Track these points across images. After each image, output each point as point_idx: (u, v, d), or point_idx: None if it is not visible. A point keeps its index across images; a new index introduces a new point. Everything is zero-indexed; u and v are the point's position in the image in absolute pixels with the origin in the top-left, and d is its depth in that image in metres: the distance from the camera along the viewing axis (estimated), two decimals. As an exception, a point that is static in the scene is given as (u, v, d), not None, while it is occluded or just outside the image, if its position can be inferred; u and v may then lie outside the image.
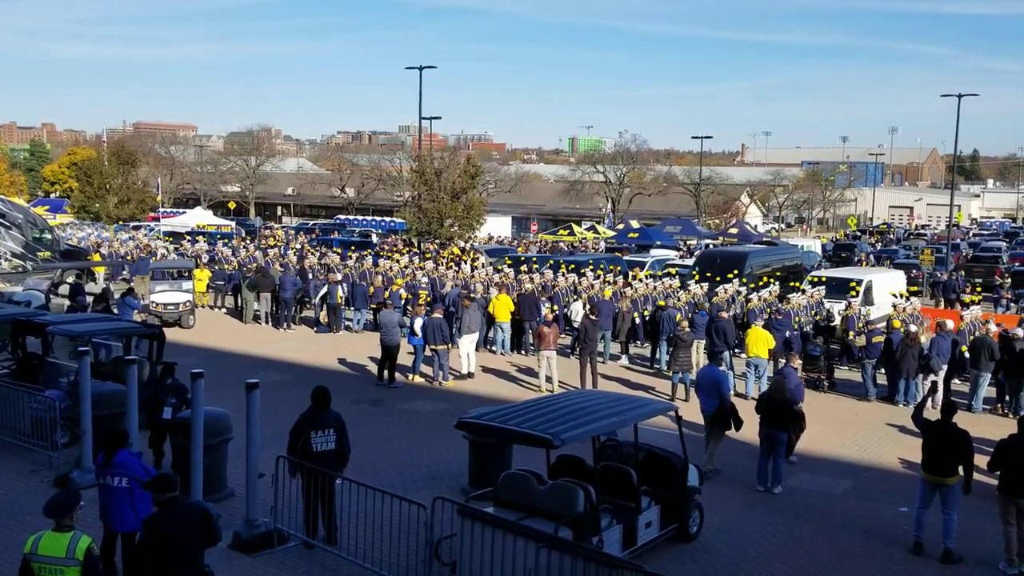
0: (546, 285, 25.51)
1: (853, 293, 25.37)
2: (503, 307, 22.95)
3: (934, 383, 16.53)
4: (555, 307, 23.89)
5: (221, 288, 30.67)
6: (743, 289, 24.87)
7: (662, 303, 22.90)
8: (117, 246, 39.94)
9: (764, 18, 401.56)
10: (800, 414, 13.23)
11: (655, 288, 24.99)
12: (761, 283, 26.32)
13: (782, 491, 13.07)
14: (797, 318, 21.44)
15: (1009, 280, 35.07)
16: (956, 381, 19.34)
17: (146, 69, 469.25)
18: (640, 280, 26.48)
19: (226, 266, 32.24)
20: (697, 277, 27.18)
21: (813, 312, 22.93)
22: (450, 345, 19.96)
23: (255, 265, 30.16)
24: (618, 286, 25.07)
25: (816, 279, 27.84)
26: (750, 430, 16.45)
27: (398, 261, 30.79)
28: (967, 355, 18.51)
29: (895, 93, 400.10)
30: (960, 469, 10.79)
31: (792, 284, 27.00)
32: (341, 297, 26.16)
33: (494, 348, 23.24)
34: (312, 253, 36.52)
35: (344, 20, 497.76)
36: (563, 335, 23.15)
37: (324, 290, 26.22)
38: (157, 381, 13.48)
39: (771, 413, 13.19)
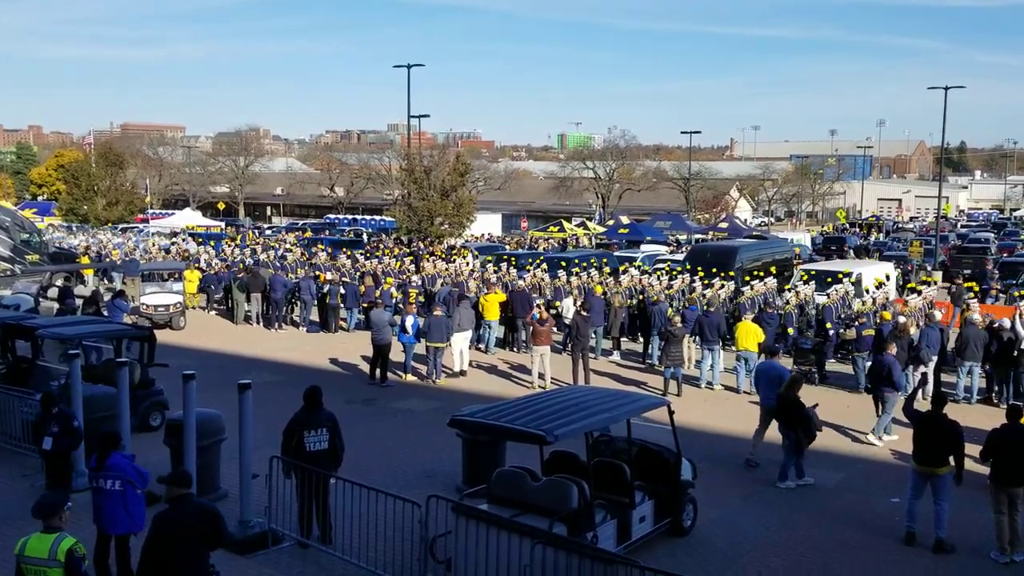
0: (536, 285, 25.54)
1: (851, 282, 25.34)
2: (492, 305, 22.95)
3: (924, 374, 16.62)
4: (557, 303, 23.98)
5: (212, 290, 30.55)
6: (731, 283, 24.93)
7: (655, 298, 22.94)
8: (155, 252, 39.26)
9: (753, 13, 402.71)
10: (809, 416, 13.15)
11: (640, 281, 25.04)
12: (757, 276, 26.29)
13: (792, 486, 13.02)
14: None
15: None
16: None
17: (133, 70, 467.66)
18: (626, 272, 26.60)
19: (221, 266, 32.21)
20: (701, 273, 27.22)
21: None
22: (447, 344, 19.96)
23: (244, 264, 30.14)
24: (610, 284, 25.09)
25: (805, 272, 27.91)
26: (746, 425, 16.54)
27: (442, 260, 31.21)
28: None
29: (882, 86, 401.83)
30: (951, 460, 10.85)
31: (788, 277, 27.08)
32: (340, 296, 26.15)
33: (482, 346, 23.22)
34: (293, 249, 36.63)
35: (330, 19, 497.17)
36: (555, 331, 23.15)
37: (326, 289, 26.20)
38: (40, 412, 11.84)
39: (781, 410, 13.19)
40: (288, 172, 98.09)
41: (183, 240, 43.09)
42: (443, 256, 34.33)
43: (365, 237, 51.18)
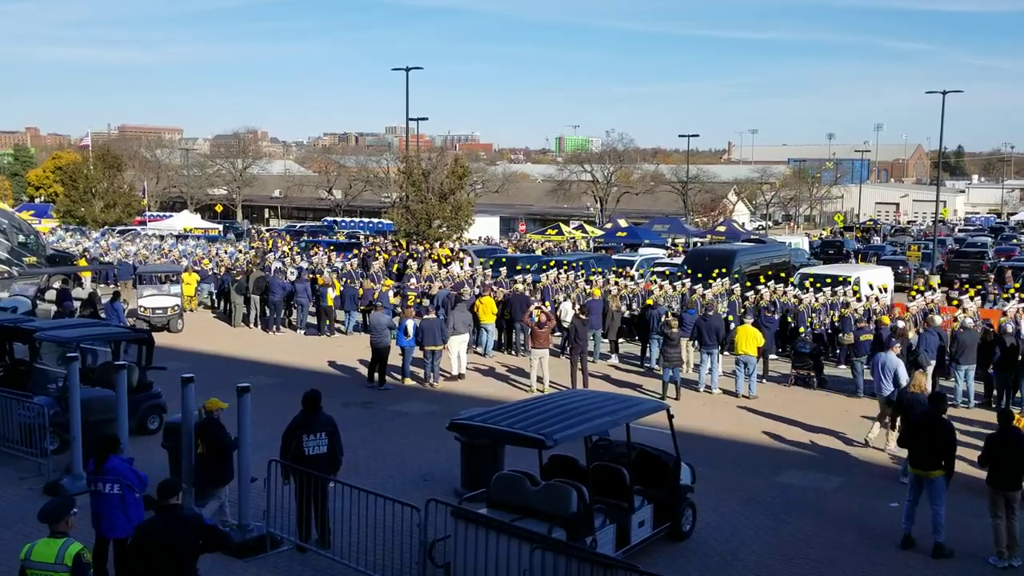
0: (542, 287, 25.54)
1: (855, 289, 25.30)
2: (486, 309, 22.92)
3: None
4: (547, 304, 23.93)
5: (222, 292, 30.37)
6: (735, 288, 24.91)
7: (650, 301, 22.94)
8: (222, 255, 38.31)
9: (750, 16, 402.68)
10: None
11: (640, 287, 25.05)
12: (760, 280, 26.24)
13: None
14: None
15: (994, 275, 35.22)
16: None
17: (131, 72, 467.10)
18: (630, 278, 26.58)
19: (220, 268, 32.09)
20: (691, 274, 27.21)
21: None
22: (444, 346, 19.94)
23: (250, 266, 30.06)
24: (610, 286, 25.09)
25: (805, 276, 27.92)
26: (745, 429, 16.54)
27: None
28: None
29: (880, 89, 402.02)
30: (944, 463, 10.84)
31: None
32: (331, 299, 26.10)
33: (480, 349, 23.20)
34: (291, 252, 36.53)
35: (328, 21, 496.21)
36: (554, 334, 23.13)
37: (328, 292, 26.16)
38: None
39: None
40: (286, 174, 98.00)
41: (177, 244, 42.61)
42: (446, 260, 34.26)
43: (362, 239, 51.14)
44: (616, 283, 25.38)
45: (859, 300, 22.53)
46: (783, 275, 29.73)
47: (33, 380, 15.10)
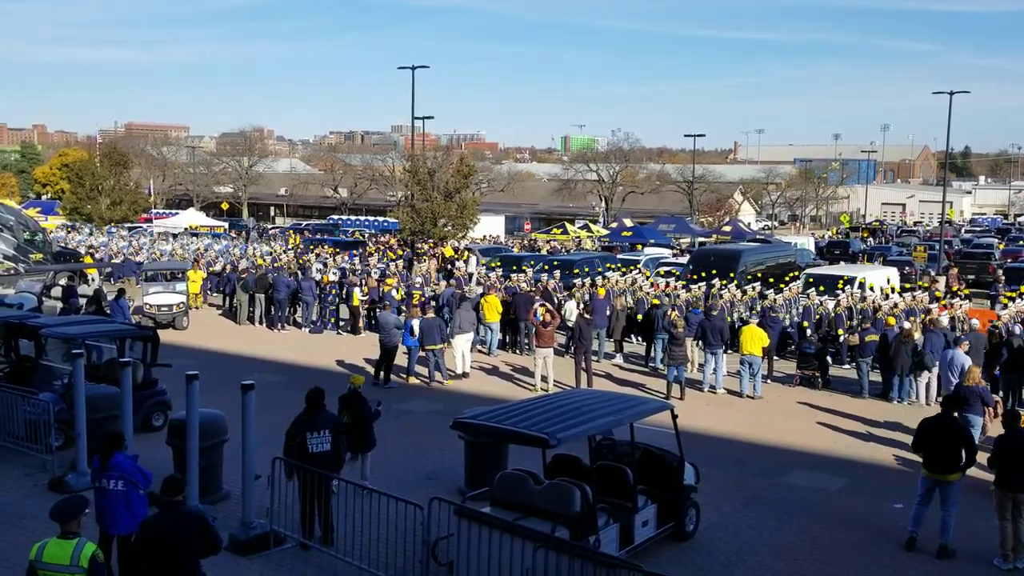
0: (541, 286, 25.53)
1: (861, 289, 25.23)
2: (491, 308, 22.90)
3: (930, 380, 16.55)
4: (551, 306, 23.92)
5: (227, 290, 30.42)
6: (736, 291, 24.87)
7: (656, 301, 22.91)
8: (258, 256, 37.87)
9: (750, 16, 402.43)
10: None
11: (649, 287, 25.03)
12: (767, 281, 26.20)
13: None
14: None
15: (1004, 277, 35.06)
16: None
17: (138, 70, 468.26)
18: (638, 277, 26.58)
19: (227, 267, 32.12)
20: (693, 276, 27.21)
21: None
22: (446, 345, 19.93)
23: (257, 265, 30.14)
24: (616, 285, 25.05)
25: (810, 276, 27.87)
26: (749, 429, 16.51)
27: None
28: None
29: (886, 90, 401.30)
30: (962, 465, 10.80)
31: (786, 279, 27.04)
32: (357, 298, 26.03)
33: (484, 348, 23.18)
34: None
35: (334, 21, 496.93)
36: (558, 333, 23.09)
37: (355, 292, 26.14)
38: None
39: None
40: (292, 173, 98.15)
41: (213, 244, 42.32)
42: (450, 258, 34.32)
43: (367, 238, 51.20)
44: (671, 285, 25.40)
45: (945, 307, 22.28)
46: (788, 278, 29.68)
47: (38, 376, 15.14)
